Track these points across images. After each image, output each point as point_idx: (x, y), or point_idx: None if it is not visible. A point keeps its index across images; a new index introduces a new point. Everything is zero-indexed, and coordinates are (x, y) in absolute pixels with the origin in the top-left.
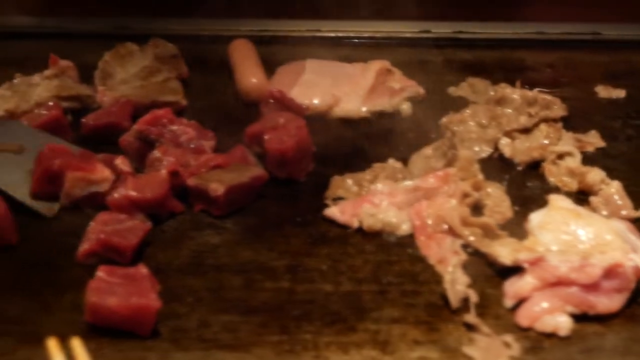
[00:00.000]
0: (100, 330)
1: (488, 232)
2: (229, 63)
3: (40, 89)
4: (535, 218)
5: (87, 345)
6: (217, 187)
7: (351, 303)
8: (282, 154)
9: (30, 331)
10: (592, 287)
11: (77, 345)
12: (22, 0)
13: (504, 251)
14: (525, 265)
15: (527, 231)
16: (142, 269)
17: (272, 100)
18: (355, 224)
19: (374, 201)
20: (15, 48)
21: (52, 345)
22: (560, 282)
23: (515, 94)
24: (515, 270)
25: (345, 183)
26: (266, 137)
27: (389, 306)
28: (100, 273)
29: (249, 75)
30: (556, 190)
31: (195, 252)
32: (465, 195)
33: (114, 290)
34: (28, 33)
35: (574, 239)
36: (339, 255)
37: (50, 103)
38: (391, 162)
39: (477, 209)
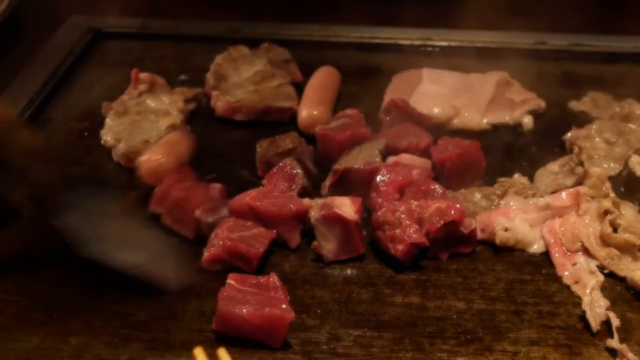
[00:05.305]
0: (228, 339)
1: (627, 252)
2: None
3: (160, 101)
4: None
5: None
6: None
7: (485, 322)
8: (441, 163)
9: (158, 338)
10: None
11: (223, 355)
12: (134, 3)
13: None
14: None
15: None
16: (274, 279)
17: (393, 110)
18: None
19: (509, 216)
20: (127, 49)
21: (199, 353)
22: None
23: None
24: None
25: (473, 197)
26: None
27: (525, 327)
28: (231, 281)
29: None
30: None
31: (321, 262)
32: (606, 213)
33: (247, 299)
34: (138, 34)
35: None
36: (468, 272)
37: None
38: (517, 177)
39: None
